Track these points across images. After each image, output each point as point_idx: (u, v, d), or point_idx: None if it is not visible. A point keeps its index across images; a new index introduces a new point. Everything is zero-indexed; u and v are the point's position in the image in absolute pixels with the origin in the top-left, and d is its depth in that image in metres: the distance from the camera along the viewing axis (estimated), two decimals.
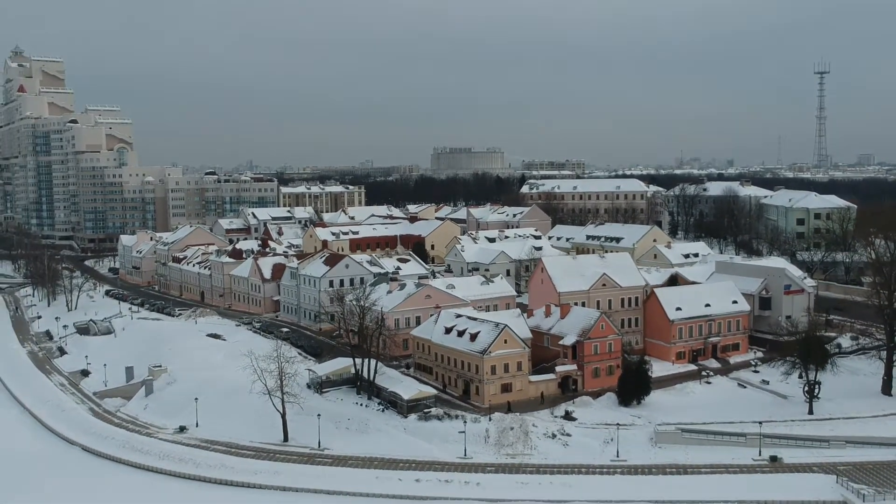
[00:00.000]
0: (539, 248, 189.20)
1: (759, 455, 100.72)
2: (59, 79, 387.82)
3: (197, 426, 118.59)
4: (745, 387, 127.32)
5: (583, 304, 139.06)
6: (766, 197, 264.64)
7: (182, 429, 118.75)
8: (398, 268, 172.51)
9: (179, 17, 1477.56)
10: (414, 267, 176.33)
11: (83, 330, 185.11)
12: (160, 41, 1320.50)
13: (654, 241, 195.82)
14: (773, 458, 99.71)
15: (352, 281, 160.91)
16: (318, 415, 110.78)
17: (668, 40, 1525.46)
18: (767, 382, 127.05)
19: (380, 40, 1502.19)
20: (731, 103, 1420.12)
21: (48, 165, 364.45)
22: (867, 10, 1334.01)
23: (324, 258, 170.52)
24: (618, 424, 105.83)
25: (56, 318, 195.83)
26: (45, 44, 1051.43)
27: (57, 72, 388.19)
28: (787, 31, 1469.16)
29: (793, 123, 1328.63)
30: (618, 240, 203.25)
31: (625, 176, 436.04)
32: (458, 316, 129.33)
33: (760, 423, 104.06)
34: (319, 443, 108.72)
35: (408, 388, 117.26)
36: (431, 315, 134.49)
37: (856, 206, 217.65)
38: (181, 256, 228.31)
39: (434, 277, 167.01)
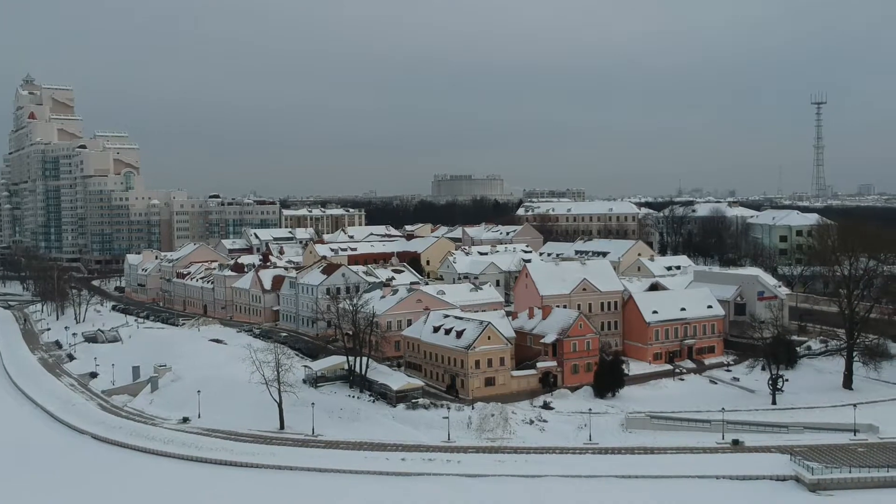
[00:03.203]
0: (528, 261, 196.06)
1: (723, 439, 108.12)
2: (68, 106, 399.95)
3: (199, 417, 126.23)
4: (716, 383, 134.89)
5: (564, 307, 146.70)
6: (752, 217, 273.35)
7: (185, 419, 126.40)
8: (392, 277, 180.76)
9: (191, 50, 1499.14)
10: (408, 277, 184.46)
11: (91, 339, 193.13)
12: (169, 74, 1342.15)
13: (639, 254, 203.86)
14: (735, 442, 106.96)
15: (347, 289, 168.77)
16: (313, 404, 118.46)
17: (668, 73, 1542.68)
18: (738, 379, 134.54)
19: (388, 75, 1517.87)
20: (733, 134, 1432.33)
21: (57, 190, 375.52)
22: (868, 43, 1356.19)
23: (321, 268, 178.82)
24: (590, 410, 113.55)
25: (65, 327, 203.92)
26: (56, 71, 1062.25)
27: (66, 99, 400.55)
28: (788, 63, 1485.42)
29: (794, 154, 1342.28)
30: (604, 254, 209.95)
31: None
32: (446, 316, 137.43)
33: (723, 410, 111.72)
34: (313, 430, 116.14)
35: (397, 380, 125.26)
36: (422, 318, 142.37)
37: (836, 224, 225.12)
38: (185, 272, 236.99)
39: (426, 285, 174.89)
